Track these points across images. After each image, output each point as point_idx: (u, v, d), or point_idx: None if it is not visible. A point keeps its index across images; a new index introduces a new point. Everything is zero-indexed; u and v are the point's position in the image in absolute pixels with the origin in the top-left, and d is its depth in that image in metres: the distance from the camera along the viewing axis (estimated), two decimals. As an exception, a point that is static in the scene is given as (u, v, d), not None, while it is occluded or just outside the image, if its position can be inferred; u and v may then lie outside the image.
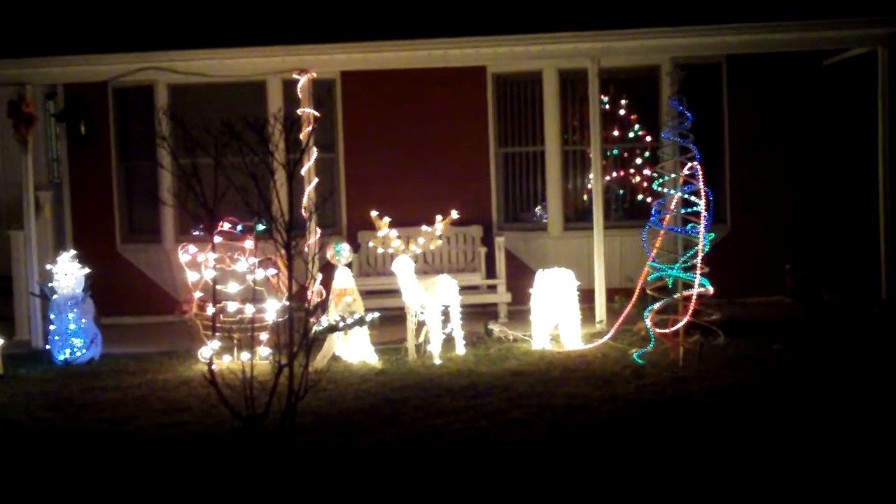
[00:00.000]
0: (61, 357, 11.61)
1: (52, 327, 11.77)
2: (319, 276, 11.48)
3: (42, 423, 8.92)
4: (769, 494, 6.40)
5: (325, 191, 13.26)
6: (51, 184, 14.29)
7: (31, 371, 11.25)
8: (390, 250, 11.20)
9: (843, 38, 12.61)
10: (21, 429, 8.78)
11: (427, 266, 13.93)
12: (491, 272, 13.78)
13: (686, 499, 6.41)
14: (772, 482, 6.58)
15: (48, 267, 11.90)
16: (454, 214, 11.46)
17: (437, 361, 10.81)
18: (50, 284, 11.78)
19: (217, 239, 10.28)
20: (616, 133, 14.46)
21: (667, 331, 10.46)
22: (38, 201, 13.26)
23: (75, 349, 11.63)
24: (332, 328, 8.94)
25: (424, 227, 11.32)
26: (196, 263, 11.15)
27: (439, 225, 11.33)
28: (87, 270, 11.81)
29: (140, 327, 13.99)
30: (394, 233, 11.24)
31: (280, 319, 9.84)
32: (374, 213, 11.33)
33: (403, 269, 11.08)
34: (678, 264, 10.68)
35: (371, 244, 12.21)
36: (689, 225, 10.74)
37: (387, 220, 11.20)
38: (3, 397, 10.02)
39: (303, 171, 11.84)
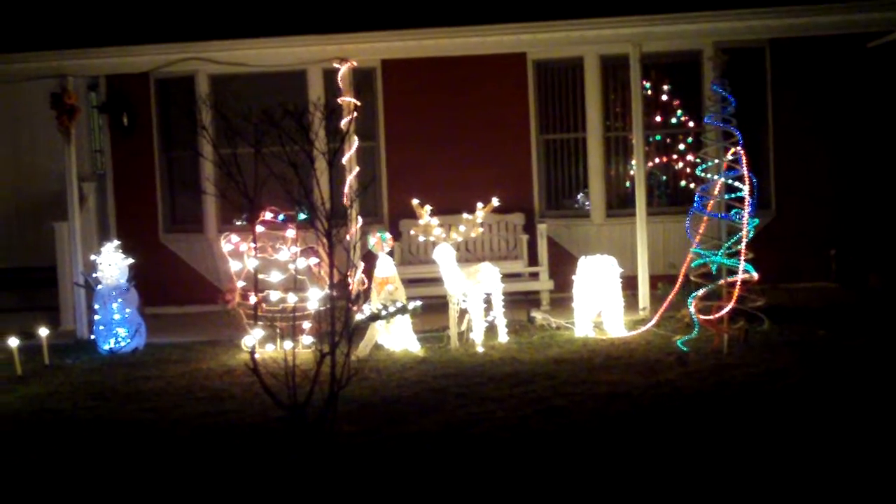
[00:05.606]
0: (106, 347, 11.70)
1: (96, 317, 11.87)
2: (361, 265, 11.49)
3: (87, 412, 9.01)
4: (812, 483, 6.33)
5: (367, 179, 13.25)
6: (94, 175, 14.39)
7: (75, 361, 11.35)
8: (431, 238, 11.18)
9: (887, 19, 12.40)
10: (66, 417, 8.87)
11: (469, 254, 13.90)
12: (533, 259, 13.72)
13: (730, 487, 6.35)
14: (815, 471, 6.51)
15: (92, 257, 12.01)
16: (495, 202, 11.39)
17: (480, 349, 10.79)
18: (94, 275, 11.88)
19: (259, 228, 10.33)
20: (658, 119, 14.35)
21: (711, 317, 10.38)
22: (82, 192, 13.35)
23: (119, 339, 11.71)
24: (375, 317, 8.94)
25: (465, 215, 11.29)
26: (238, 253, 11.20)
27: (480, 212, 11.29)
28: (130, 261, 11.89)
29: (183, 317, 14.08)
30: (435, 220, 11.21)
31: (322, 308, 9.88)
32: (415, 202, 11.31)
33: (445, 258, 11.06)
34: (722, 250, 10.59)
35: (412, 232, 12.18)
36: (733, 210, 10.65)
37: (428, 208, 11.19)
38: (49, 386, 10.12)
39: (344, 160, 11.85)
